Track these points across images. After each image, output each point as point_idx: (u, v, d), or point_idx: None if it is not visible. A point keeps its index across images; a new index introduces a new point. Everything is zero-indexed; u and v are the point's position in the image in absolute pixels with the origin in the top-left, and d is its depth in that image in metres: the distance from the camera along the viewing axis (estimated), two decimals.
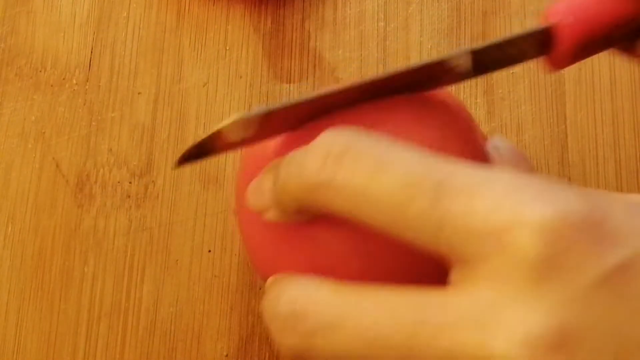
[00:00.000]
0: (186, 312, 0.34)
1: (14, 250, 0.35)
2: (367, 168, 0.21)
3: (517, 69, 0.37)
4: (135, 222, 0.36)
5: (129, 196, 0.36)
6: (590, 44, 0.26)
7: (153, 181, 0.36)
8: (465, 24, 0.38)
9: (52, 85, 0.38)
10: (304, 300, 0.22)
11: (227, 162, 0.36)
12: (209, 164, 0.36)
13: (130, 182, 0.36)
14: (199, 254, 0.35)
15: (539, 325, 0.18)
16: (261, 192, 0.24)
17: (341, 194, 0.21)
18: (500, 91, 0.37)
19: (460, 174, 0.20)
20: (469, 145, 0.26)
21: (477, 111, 0.37)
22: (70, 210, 0.36)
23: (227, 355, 0.34)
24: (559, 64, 0.26)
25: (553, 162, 0.35)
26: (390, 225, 0.21)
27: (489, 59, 0.26)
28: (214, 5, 0.39)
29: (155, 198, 0.36)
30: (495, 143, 0.27)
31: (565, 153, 0.36)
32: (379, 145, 0.21)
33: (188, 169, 0.36)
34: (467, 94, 0.37)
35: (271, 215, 0.24)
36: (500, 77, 0.37)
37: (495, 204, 0.19)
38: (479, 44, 0.25)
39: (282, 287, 0.23)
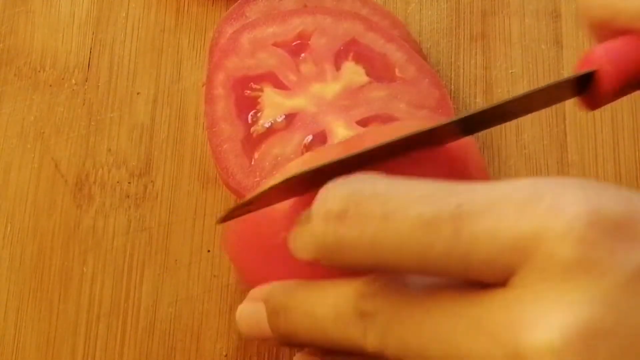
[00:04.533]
0: (185, 312, 0.34)
1: (13, 251, 0.35)
2: (376, 218, 0.20)
3: (516, 68, 0.37)
4: (134, 222, 0.36)
5: (128, 196, 0.36)
6: (627, 88, 0.26)
7: (152, 181, 0.36)
8: (464, 24, 0.38)
9: (51, 85, 0.38)
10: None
11: None
12: (209, 163, 0.36)
13: (129, 182, 0.36)
14: (198, 254, 0.35)
15: (567, 322, 0.18)
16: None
17: (356, 251, 0.20)
18: (499, 91, 0.37)
19: (477, 192, 0.20)
20: None
21: None
22: (69, 210, 0.36)
23: (226, 355, 0.34)
24: (594, 106, 0.26)
25: (552, 162, 0.35)
26: (416, 266, 0.20)
27: (520, 107, 0.25)
28: (213, 5, 0.39)
29: (154, 198, 0.36)
30: None
31: (564, 153, 0.36)
32: (382, 188, 0.20)
33: (187, 168, 0.36)
34: (466, 94, 0.37)
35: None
36: (500, 77, 0.37)
37: (518, 214, 0.19)
38: (512, 96, 0.25)
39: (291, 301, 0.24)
